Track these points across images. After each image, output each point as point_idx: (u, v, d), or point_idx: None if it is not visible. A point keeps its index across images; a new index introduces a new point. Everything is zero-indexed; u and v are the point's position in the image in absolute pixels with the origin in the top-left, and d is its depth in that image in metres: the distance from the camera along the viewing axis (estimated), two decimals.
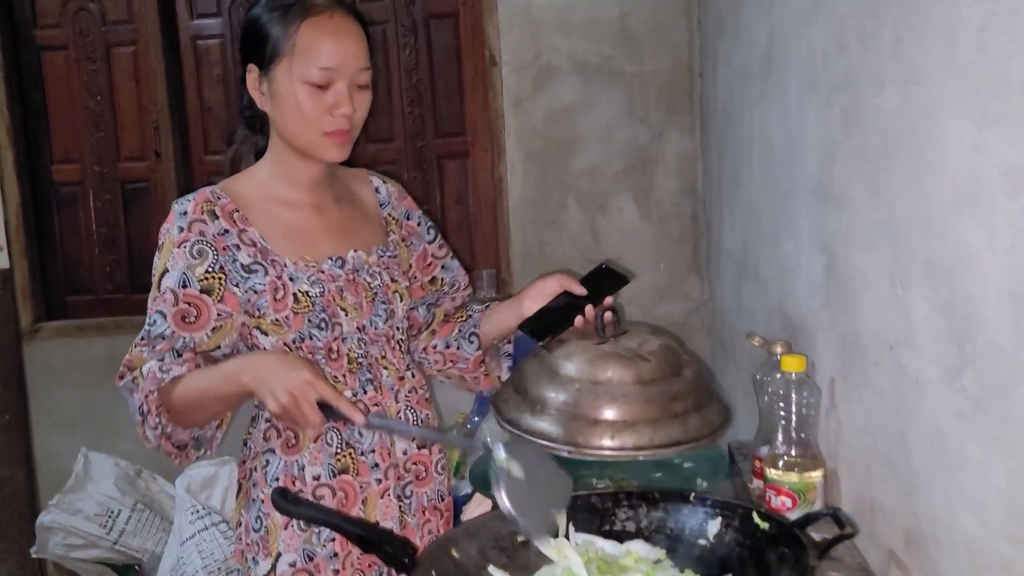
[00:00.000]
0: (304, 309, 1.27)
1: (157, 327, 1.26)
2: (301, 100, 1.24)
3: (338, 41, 1.25)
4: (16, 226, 2.92)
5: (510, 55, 2.84)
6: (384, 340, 1.36)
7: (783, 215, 1.62)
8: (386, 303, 1.36)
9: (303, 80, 1.24)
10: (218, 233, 1.26)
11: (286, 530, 1.30)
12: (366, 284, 1.34)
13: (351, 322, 1.31)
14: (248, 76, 1.30)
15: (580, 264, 2.91)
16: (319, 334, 1.29)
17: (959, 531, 0.87)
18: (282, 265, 1.28)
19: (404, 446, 1.39)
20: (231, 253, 1.26)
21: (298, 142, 1.29)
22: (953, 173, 0.86)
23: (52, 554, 2.72)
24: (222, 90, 3.01)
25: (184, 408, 1.24)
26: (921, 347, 0.94)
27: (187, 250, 1.25)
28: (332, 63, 1.24)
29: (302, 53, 1.24)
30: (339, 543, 1.31)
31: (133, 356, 1.28)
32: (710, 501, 1.14)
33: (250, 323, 1.28)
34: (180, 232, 1.25)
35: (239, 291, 1.26)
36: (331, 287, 1.30)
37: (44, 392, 3.01)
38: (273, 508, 1.27)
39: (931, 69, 0.90)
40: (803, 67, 1.43)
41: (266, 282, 1.26)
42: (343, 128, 1.26)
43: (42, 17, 2.97)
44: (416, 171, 3.03)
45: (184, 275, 1.24)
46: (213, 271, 1.25)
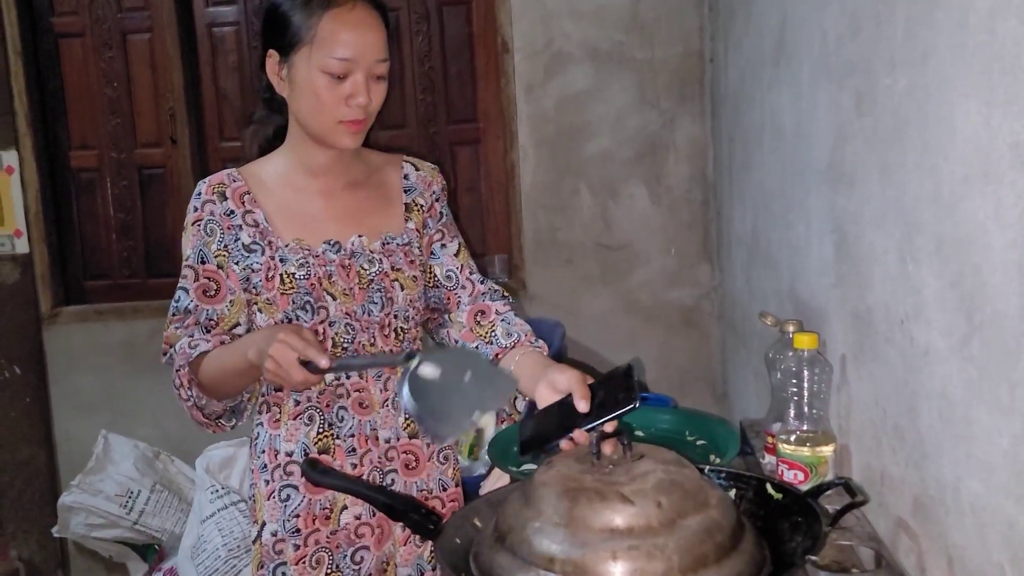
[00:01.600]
0: (289, 290, 1.31)
1: (181, 302, 1.35)
2: (319, 88, 1.27)
3: (358, 32, 1.27)
4: (35, 212, 2.96)
5: (522, 42, 2.87)
6: (377, 328, 1.35)
7: (794, 197, 1.65)
8: (382, 291, 1.35)
9: (322, 69, 1.26)
10: (224, 213, 1.34)
11: (268, 500, 1.35)
12: (362, 270, 1.35)
13: (339, 307, 1.33)
14: (268, 61, 1.33)
15: (590, 251, 2.95)
16: (304, 316, 1.32)
17: (966, 494, 0.90)
18: (277, 246, 1.33)
19: (389, 434, 1.38)
20: (234, 232, 1.33)
21: (313, 128, 1.32)
22: (963, 150, 0.89)
23: (73, 533, 2.77)
24: (237, 77, 3.04)
25: (211, 383, 1.31)
26: (931, 320, 0.98)
27: (201, 228, 1.34)
28: (351, 54, 1.26)
29: (322, 42, 1.26)
30: (303, 519, 1.34)
31: (169, 333, 1.36)
32: (724, 473, 1.17)
33: (250, 300, 1.35)
34: (195, 212, 1.35)
35: (238, 269, 1.33)
36: (319, 271, 1.32)
37: (64, 376, 3.06)
38: (259, 479, 1.36)
39: (943, 51, 0.93)
40: (815, 51, 1.45)
41: (262, 262, 1.32)
42: (358, 117, 1.29)
43: (59, 5, 3.00)
44: (429, 158, 3.06)
45: (201, 252, 1.34)
46: (220, 248, 1.33)
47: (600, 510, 0.94)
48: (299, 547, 1.34)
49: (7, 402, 3.01)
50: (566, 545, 0.94)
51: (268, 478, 1.36)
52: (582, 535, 0.94)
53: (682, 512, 0.94)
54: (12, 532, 3.04)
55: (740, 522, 0.99)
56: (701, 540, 0.93)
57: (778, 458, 1.31)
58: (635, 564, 0.91)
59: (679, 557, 0.91)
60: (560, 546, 0.95)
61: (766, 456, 1.45)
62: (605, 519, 0.94)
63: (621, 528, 0.93)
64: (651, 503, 0.94)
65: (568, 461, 1.05)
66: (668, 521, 0.93)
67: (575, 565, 0.93)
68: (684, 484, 0.98)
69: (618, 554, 0.92)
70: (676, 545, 0.92)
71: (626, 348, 2.97)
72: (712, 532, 0.94)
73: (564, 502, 0.97)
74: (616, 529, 0.93)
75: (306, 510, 1.34)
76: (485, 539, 1.06)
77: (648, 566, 0.90)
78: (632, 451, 1.03)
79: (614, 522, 0.93)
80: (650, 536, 0.92)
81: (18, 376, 3.00)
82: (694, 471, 1.03)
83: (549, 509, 0.98)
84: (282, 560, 1.34)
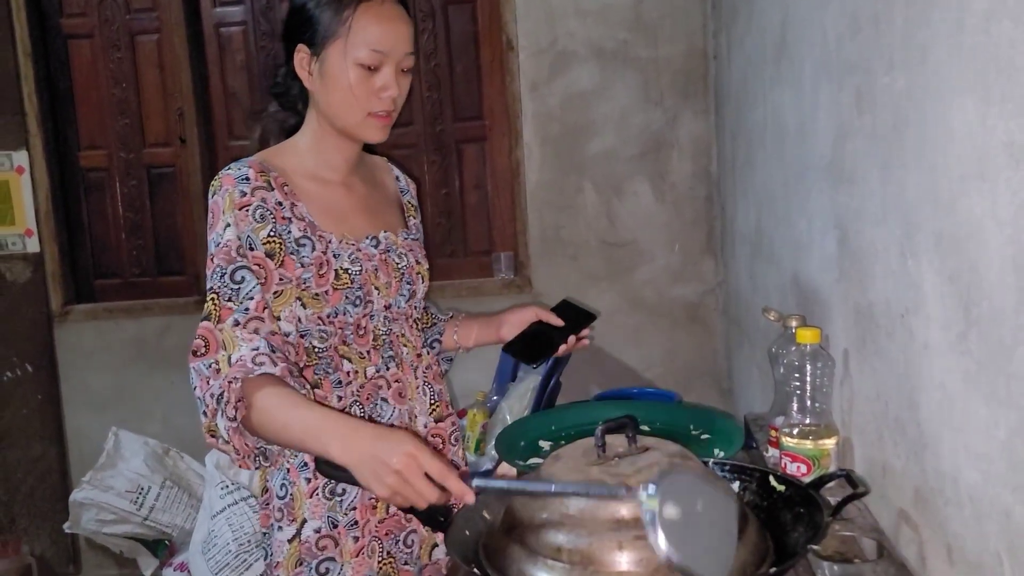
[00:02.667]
0: (343, 285, 1.32)
1: (247, 284, 1.22)
2: (352, 80, 1.29)
3: (390, 25, 1.30)
4: (46, 211, 2.99)
5: (527, 40, 2.89)
6: (404, 319, 1.42)
7: (796, 194, 1.67)
8: (410, 283, 1.42)
9: (356, 62, 1.29)
10: (276, 203, 1.29)
11: (311, 498, 1.34)
12: (395, 264, 1.40)
13: (380, 300, 1.37)
14: (296, 55, 1.34)
15: (595, 248, 2.97)
16: (352, 310, 1.33)
17: (964, 485, 0.93)
18: (327, 241, 1.32)
19: (424, 420, 1.43)
20: (286, 224, 1.29)
21: (342, 121, 1.33)
22: (960, 149, 0.91)
23: (85, 529, 2.80)
24: (245, 77, 3.07)
25: (260, 424, 1.15)
26: (930, 314, 1.00)
27: (250, 213, 1.25)
28: (383, 46, 1.29)
29: (356, 35, 1.29)
30: (360, 511, 1.35)
31: (225, 332, 1.20)
32: (728, 466, 1.19)
33: (296, 294, 1.30)
34: (242, 196, 1.26)
35: (295, 260, 1.29)
36: (368, 266, 1.35)
37: (74, 373, 3.09)
38: (298, 476, 1.34)
39: (940, 51, 0.95)
40: (816, 50, 1.47)
41: (313, 257, 1.30)
42: (387, 109, 1.31)
43: (68, 6, 3.04)
44: (435, 155, 3.09)
45: (249, 237, 1.25)
46: (273, 237, 1.27)
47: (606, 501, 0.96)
48: (358, 539, 1.35)
49: (19, 399, 3.04)
50: (573, 535, 0.97)
51: (309, 476, 1.34)
52: (588, 526, 0.96)
53: None
54: (24, 528, 3.08)
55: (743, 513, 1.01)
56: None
57: (781, 451, 1.34)
58: (640, 554, 0.94)
59: None
60: (567, 536, 0.97)
61: (770, 449, 1.48)
62: (611, 510, 0.96)
63: (627, 519, 0.95)
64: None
65: (574, 453, 1.08)
66: None
67: (582, 555, 0.96)
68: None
69: (624, 544, 0.94)
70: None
71: (631, 344, 2.99)
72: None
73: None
74: (622, 520, 0.95)
75: (361, 502, 1.35)
76: (494, 530, 1.08)
77: (653, 556, 0.92)
78: (637, 444, 1.05)
79: (620, 513, 0.95)
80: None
81: (29, 374, 3.04)
82: (699, 463, 1.06)
83: (556, 500, 1.00)
84: (327, 556, 1.33)
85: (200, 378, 1.18)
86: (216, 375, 1.17)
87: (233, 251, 1.23)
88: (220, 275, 1.23)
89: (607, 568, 0.95)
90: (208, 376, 1.18)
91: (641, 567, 0.94)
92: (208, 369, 1.18)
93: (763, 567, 0.97)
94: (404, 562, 1.40)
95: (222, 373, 1.16)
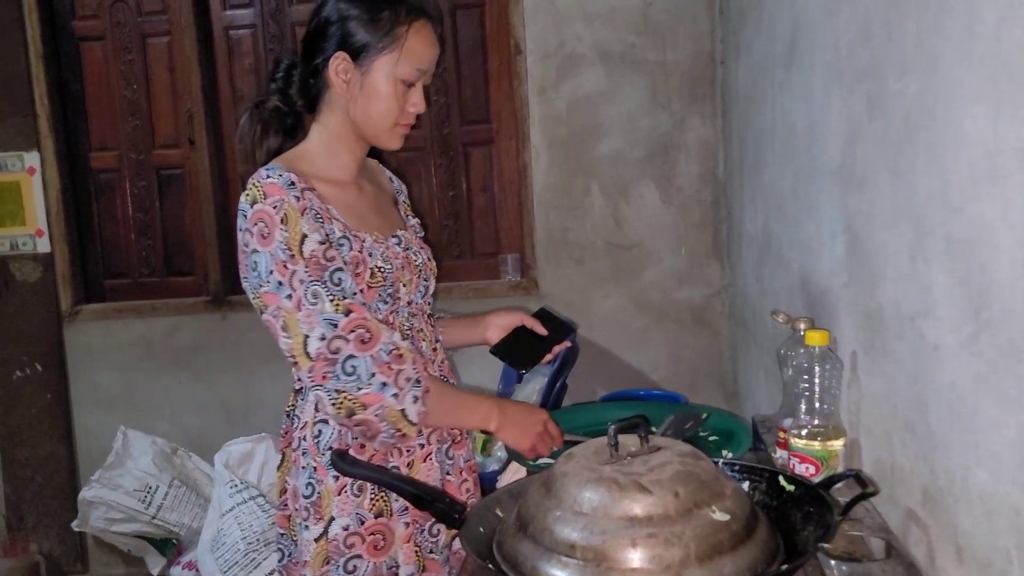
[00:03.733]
0: (377, 283, 1.36)
1: (347, 283, 1.29)
2: (394, 93, 1.36)
3: (434, 48, 1.40)
4: (56, 212, 3.02)
5: (535, 44, 2.91)
6: (421, 314, 1.47)
7: (805, 198, 1.68)
8: (426, 280, 1.47)
9: (401, 77, 1.36)
10: (320, 205, 1.33)
11: (339, 496, 1.36)
12: (413, 262, 1.45)
13: (405, 296, 1.42)
14: (332, 61, 1.36)
15: (602, 250, 2.99)
16: (382, 307, 1.37)
17: (974, 484, 0.94)
18: (362, 240, 1.36)
19: None
20: (331, 224, 1.33)
21: (372, 128, 1.39)
22: (971, 154, 0.93)
23: (93, 528, 2.82)
24: (254, 79, 3.09)
25: (439, 406, 1.34)
26: (941, 317, 1.01)
27: (310, 216, 1.29)
28: (427, 66, 1.39)
29: (410, 52, 1.35)
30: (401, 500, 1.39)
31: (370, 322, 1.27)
32: (738, 466, 1.21)
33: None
34: (298, 201, 1.28)
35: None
36: (396, 263, 1.40)
37: (83, 372, 3.12)
38: (326, 474, 1.35)
39: (952, 58, 0.97)
40: (827, 55, 1.49)
41: (350, 256, 1.33)
42: (412, 122, 1.42)
43: (80, 8, 3.06)
44: (442, 158, 3.11)
45: (321, 237, 1.29)
46: (325, 238, 1.31)
47: (619, 499, 0.98)
48: (408, 525, 1.40)
49: (28, 398, 3.06)
50: (587, 533, 0.98)
51: (337, 474, 1.35)
52: (602, 523, 0.98)
53: (699, 502, 0.97)
54: (33, 526, 3.10)
55: (754, 512, 1.03)
56: (717, 529, 0.96)
57: (790, 452, 1.35)
58: (653, 551, 0.95)
59: (696, 545, 0.95)
60: (581, 534, 0.98)
61: (778, 451, 1.49)
62: (624, 508, 0.97)
63: (640, 516, 0.96)
64: (669, 493, 0.97)
65: (587, 453, 1.09)
66: (685, 510, 0.96)
67: (595, 552, 0.97)
68: (700, 475, 1.00)
69: (637, 541, 0.96)
70: (693, 533, 0.95)
71: (637, 346, 3.01)
72: (728, 522, 0.97)
73: (584, 491, 1.01)
74: (635, 517, 0.97)
75: (384, 497, 1.38)
76: (507, 528, 1.10)
77: (666, 553, 0.94)
78: (649, 443, 1.07)
79: (633, 511, 0.97)
80: (668, 524, 0.95)
81: (39, 373, 3.06)
82: (709, 463, 1.07)
83: (570, 498, 1.01)
84: (355, 553, 1.35)
85: (378, 364, 1.25)
86: (399, 360, 1.26)
87: (321, 256, 1.27)
88: (311, 283, 1.25)
89: (620, 565, 0.96)
90: (389, 361, 1.25)
91: (654, 564, 0.95)
92: (388, 355, 1.26)
93: (774, 565, 0.99)
94: (430, 551, 1.43)
95: (406, 359, 1.27)
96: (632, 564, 0.96)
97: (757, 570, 0.97)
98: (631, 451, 1.06)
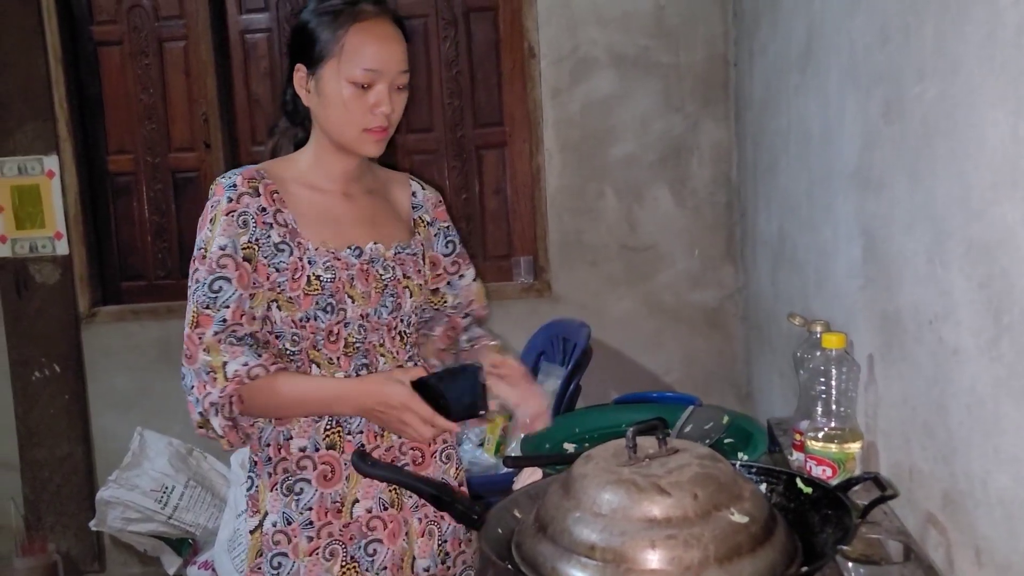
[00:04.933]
0: (314, 291, 1.35)
1: (224, 292, 1.31)
2: (346, 98, 1.33)
3: (382, 45, 1.35)
4: (75, 215, 3.05)
5: (548, 47, 2.92)
6: (385, 329, 1.42)
7: (821, 201, 1.69)
8: (394, 296, 1.43)
9: (348, 80, 1.33)
10: (258, 209, 1.35)
11: (271, 492, 1.38)
12: (378, 275, 1.41)
13: (356, 309, 1.39)
14: (295, 74, 1.39)
15: (615, 253, 2.99)
16: (324, 316, 1.36)
17: (994, 487, 0.94)
18: (305, 248, 1.37)
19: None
20: (266, 229, 1.34)
21: (339, 137, 1.38)
22: (991, 158, 0.93)
23: (110, 527, 2.85)
24: (269, 83, 3.11)
25: (270, 406, 1.34)
26: (960, 320, 1.02)
27: (235, 219, 1.33)
28: (376, 65, 1.34)
29: (349, 55, 1.33)
30: (317, 512, 1.38)
31: (206, 341, 1.30)
32: (755, 468, 1.21)
33: (269, 296, 1.36)
34: (229, 202, 1.33)
35: (267, 265, 1.35)
36: (343, 274, 1.38)
37: (101, 374, 3.14)
38: (262, 471, 1.39)
39: (972, 63, 0.97)
40: (843, 58, 1.49)
41: (289, 262, 1.35)
42: (381, 125, 1.36)
43: (98, 14, 3.09)
44: (455, 161, 3.12)
45: (233, 242, 1.33)
46: (251, 242, 1.33)
47: (639, 501, 0.98)
48: (312, 539, 1.38)
49: (47, 399, 3.09)
50: (606, 534, 0.98)
51: (271, 471, 1.38)
52: (621, 524, 0.98)
53: (717, 504, 0.97)
54: (51, 526, 3.13)
55: (772, 515, 1.02)
56: (736, 531, 0.96)
57: (806, 455, 1.35)
58: (673, 553, 0.95)
59: (715, 547, 0.94)
60: (600, 535, 0.99)
61: (794, 453, 1.49)
62: (643, 509, 0.97)
63: (659, 518, 0.96)
64: (687, 495, 0.97)
65: (605, 455, 1.09)
66: (704, 512, 0.96)
67: (615, 553, 0.98)
68: (719, 477, 1.00)
69: (656, 543, 0.96)
70: (712, 535, 0.95)
71: (651, 348, 3.01)
72: (747, 524, 0.97)
73: (604, 493, 1.00)
74: (654, 519, 0.96)
75: (319, 503, 1.38)
76: (526, 529, 1.10)
77: (685, 555, 0.94)
78: (667, 445, 1.08)
79: (652, 512, 0.97)
80: (687, 526, 0.95)
81: (57, 374, 3.09)
82: (728, 465, 1.07)
83: (589, 500, 1.01)
84: (280, 551, 1.37)
85: (198, 382, 1.31)
86: (213, 383, 1.29)
87: (214, 262, 1.31)
88: (201, 284, 1.32)
89: (639, 566, 0.96)
90: (205, 381, 1.30)
91: (673, 566, 0.95)
92: (206, 375, 1.30)
93: (792, 567, 0.99)
94: (367, 569, 1.40)
95: (218, 384, 1.29)
96: (651, 565, 0.96)
97: (776, 572, 0.97)
98: (649, 453, 1.06)
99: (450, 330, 1.57)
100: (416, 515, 1.43)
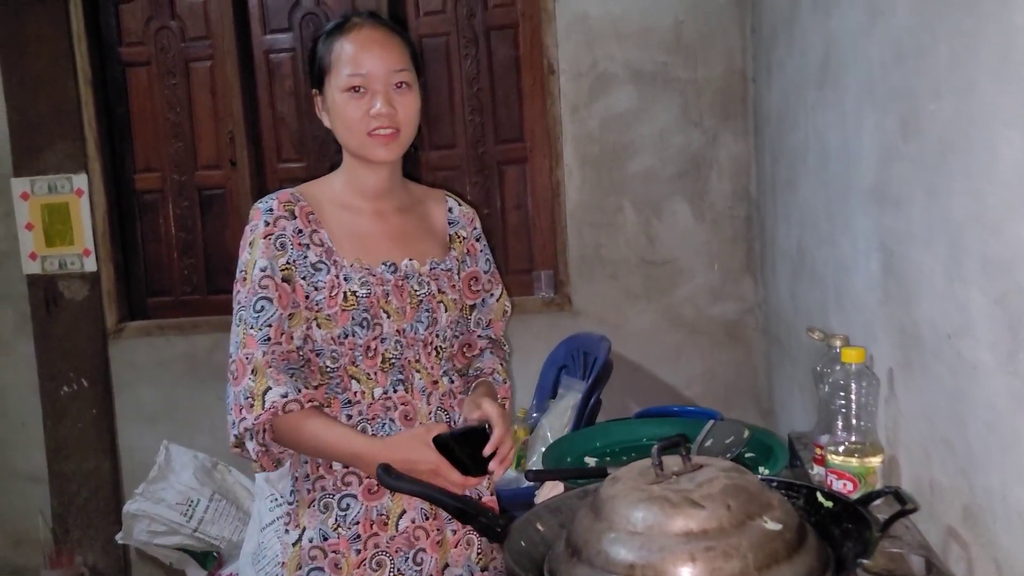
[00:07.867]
0: (350, 307, 1.39)
1: (267, 312, 1.35)
2: (341, 106, 1.39)
3: (366, 49, 1.40)
4: (103, 232, 3.10)
5: (567, 64, 2.95)
6: (421, 345, 1.45)
7: (839, 216, 1.70)
8: (430, 311, 1.45)
9: (340, 88, 1.39)
10: (295, 231, 1.40)
11: (309, 508, 1.42)
12: (413, 291, 1.44)
13: (392, 324, 1.42)
14: (315, 100, 1.47)
15: (635, 266, 3.01)
16: (361, 332, 1.39)
17: (1014, 501, 0.95)
18: (341, 265, 1.41)
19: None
20: (302, 250, 1.39)
21: (351, 146, 1.43)
22: (1007, 175, 0.94)
23: (136, 540, 2.88)
24: (293, 101, 3.16)
25: (294, 443, 1.37)
26: (978, 335, 1.03)
27: (272, 242, 1.39)
28: (360, 69, 1.39)
29: (337, 64, 1.40)
30: (363, 526, 1.40)
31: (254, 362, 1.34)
32: (775, 482, 1.22)
33: (308, 316, 1.39)
34: (267, 226, 1.39)
35: (305, 284, 1.39)
36: (378, 290, 1.41)
37: (127, 388, 3.19)
38: (301, 487, 1.41)
39: (986, 82, 0.98)
40: (860, 76, 1.51)
41: (326, 280, 1.39)
42: (384, 126, 1.39)
43: (127, 35, 3.16)
44: (477, 176, 3.15)
45: (271, 264, 1.38)
46: (289, 263, 1.39)
47: (673, 516, 0.98)
48: (360, 551, 1.40)
49: (75, 414, 3.14)
50: (644, 551, 0.98)
51: (310, 487, 1.41)
52: (659, 540, 0.98)
53: (750, 513, 0.99)
54: (78, 538, 3.17)
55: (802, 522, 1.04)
56: (771, 538, 0.97)
57: (827, 469, 1.36)
58: (713, 564, 0.95)
59: (753, 555, 0.95)
60: (639, 553, 0.98)
61: (815, 467, 1.49)
62: (679, 524, 0.98)
63: (696, 531, 0.97)
64: (721, 506, 0.98)
65: (632, 475, 1.10)
66: (739, 522, 0.97)
67: (655, 569, 0.97)
68: (748, 487, 1.02)
69: (696, 556, 0.96)
70: (749, 544, 0.96)
71: (670, 362, 3.01)
72: (781, 531, 0.98)
73: (637, 512, 1.01)
74: (691, 532, 0.97)
75: (364, 517, 1.40)
76: (558, 556, 1.10)
77: (726, 565, 0.95)
78: (691, 461, 1.09)
79: (688, 526, 0.97)
80: (724, 537, 0.96)
81: (85, 388, 3.14)
82: (753, 476, 1.08)
83: (622, 519, 1.02)
84: (316, 566, 1.40)
85: (236, 405, 1.34)
86: (250, 409, 1.32)
87: (256, 284, 1.37)
88: (245, 306, 1.37)
89: None
90: (243, 406, 1.33)
91: None
92: (244, 400, 1.33)
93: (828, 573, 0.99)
94: None
95: (254, 411, 1.32)
96: None
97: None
98: (675, 470, 1.07)
99: (465, 347, 1.59)
100: (450, 525, 1.46)
